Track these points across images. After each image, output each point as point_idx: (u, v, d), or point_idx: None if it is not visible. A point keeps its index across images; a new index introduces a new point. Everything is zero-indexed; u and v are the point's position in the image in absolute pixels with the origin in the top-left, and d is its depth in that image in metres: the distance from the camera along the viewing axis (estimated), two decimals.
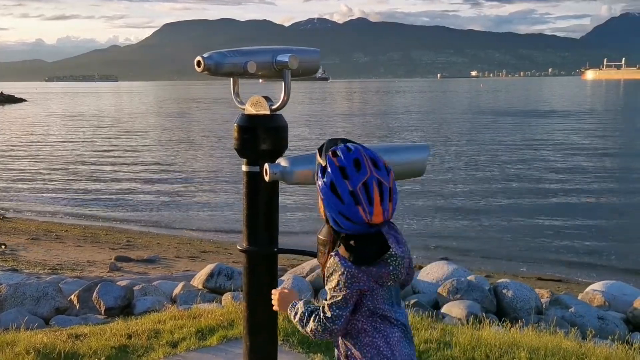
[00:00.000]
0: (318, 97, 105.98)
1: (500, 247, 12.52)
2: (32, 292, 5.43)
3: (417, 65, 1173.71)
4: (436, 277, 6.45)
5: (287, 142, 2.72)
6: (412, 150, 2.45)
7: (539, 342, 3.80)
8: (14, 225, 13.81)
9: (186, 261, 10.73)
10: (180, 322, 4.13)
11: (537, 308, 5.76)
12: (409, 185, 18.31)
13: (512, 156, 25.08)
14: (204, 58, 2.52)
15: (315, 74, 3.02)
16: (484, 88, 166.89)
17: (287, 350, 3.70)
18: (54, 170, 23.18)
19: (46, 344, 3.69)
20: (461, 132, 35.74)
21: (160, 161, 25.21)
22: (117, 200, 17.71)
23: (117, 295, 5.59)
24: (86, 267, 9.64)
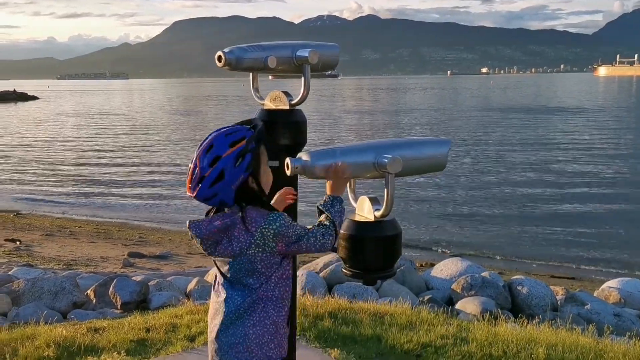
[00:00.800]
0: (328, 94, 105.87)
1: (512, 245, 12.47)
2: (50, 287, 5.49)
3: (427, 62, 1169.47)
4: (450, 273, 6.44)
5: (306, 136, 2.73)
6: (433, 144, 2.45)
7: (556, 339, 3.79)
8: (28, 221, 13.94)
9: (198, 257, 10.78)
10: (197, 316, 4.16)
11: (553, 305, 5.74)
12: (422, 182, 18.31)
13: (524, 153, 24.94)
14: (225, 53, 2.53)
15: (334, 69, 3.02)
16: (494, 85, 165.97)
17: (304, 344, 3.72)
18: (68, 166, 23.36)
19: (66, 337, 3.73)
20: (471, 130, 35.59)
21: (172, 158, 25.32)
22: (130, 196, 17.83)
23: (132, 290, 5.63)
24: (100, 263, 9.72)
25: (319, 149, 2.35)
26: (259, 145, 2.02)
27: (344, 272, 2.42)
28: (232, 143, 1.96)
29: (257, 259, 1.98)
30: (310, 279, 5.92)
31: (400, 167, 2.24)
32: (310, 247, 2.00)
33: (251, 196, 2.01)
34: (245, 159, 1.96)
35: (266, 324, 2.00)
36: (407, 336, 3.81)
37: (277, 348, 2.03)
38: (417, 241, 12.65)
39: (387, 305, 4.59)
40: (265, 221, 1.96)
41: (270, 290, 2.01)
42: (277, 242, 1.96)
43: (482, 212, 15.08)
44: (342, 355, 3.54)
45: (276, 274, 2.02)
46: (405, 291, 5.93)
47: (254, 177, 2.01)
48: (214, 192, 1.95)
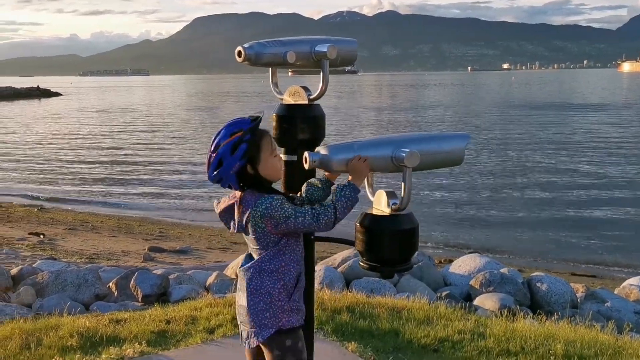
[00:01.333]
0: (347, 90, 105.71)
1: (533, 243, 12.39)
2: (73, 279, 5.59)
3: (447, 58, 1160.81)
4: (468, 269, 6.42)
5: (324, 131, 2.74)
6: (451, 139, 2.45)
7: (575, 335, 3.77)
8: (51, 215, 14.16)
9: (217, 252, 10.88)
10: (216, 309, 4.21)
11: (572, 302, 5.70)
12: (444, 179, 18.24)
13: (546, 152, 24.66)
14: (244, 48, 2.56)
15: (353, 64, 3.04)
16: (515, 81, 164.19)
17: (322, 338, 3.75)
18: (90, 162, 23.68)
19: (89, 328, 3.81)
20: (492, 126, 35.30)
21: (192, 154, 25.55)
22: (151, 191, 18.03)
23: (153, 283, 5.71)
24: (121, 257, 9.85)
25: (337, 143, 2.38)
26: (255, 136, 2.20)
27: (361, 265, 2.45)
28: (231, 133, 2.19)
29: (254, 236, 2.22)
30: (328, 273, 5.95)
31: (418, 161, 2.25)
32: (299, 226, 2.17)
33: (252, 181, 2.23)
34: (240, 148, 2.17)
35: (261, 293, 2.23)
36: (425, 331, 3.82)
37: (272, 318, 2.22)
38: (437, 238, 12.62)
39: (404, 300, 4.60)
40: (255, 203, 2.17)
41: (265, 263, 2.23)
42: (265, 222, 2.18)
43: (502, 210, 14.99)
44: (359, 348, 3.57)
45: (273, 249, 2.22)
46: (423, 287, 5.93)
47: (252, 165, 2.21)
48: (220, 177, 2.20)
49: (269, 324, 2.22)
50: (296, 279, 2.29)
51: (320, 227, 2.18)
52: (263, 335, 2.22)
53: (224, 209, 2.27)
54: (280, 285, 2.23)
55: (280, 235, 2.21)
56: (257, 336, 2.23)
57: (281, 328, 2.23)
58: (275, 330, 2.22)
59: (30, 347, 3.56)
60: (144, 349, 3.57)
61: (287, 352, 2.25)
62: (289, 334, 2.25)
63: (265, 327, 2.22)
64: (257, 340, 2.23)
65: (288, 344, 2.25)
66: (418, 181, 18.26)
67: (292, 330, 2.26)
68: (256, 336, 2.23)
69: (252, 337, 2.24)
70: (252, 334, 2.24)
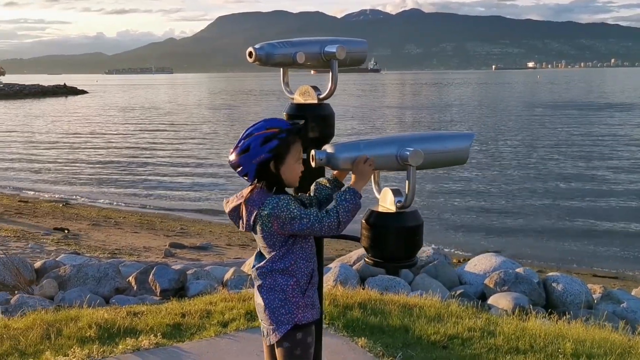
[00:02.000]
0: (369, 89, 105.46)
1: (554, 243, 12.29)
2: (94, 273, 5.74)
3: (471, 57, 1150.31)
4: (483, 268, 6.42)
5: (333, 130, 2.80)
6: (455, 138, 2.50)
7: (586, 335, 3.78)
8: (76, 211, 14.44)
9: (237, 249, 11.00)
10: (230, 304, 4.30)
11: (588, 302, 5.68)
12: (464, 179, 18.16)
13: (569, 151, 24.36)
14: (255, 49, 2.64)
15: (362, 64, 3.09)
16: (541, 80, 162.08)
17: (332, 333, 3.81)
18: (114, 159, 24.06)
19: (107, 320, 3.93)
20: (515, 126, 34.94)
21: (214, 152, 25.79)
22: (172, 189, 18.27)
23: (171, 278, 5.83)
24: (142, 253, 10.01)
25: (343, 142, 2.44)
26: (290, 137, 2.26)
27: (366, 261, 2.50)
28: (268, 127, 2.26)
29: (262, 236, 2.28)
30: (343, 271, 6.00)
31: (422, 160, 2.30)
32: (303, 228, 2.21)
33: (269, 179, 2.27)
34: (272, 143, 2.23)
35: (276, 291, 2.29)
36: (435, 328, 3.86)
37: (287, 314, 2.29)
38: (456, 237, 12.60)
39: (417, 298, 4.64)
40: (262, 204, 2.23)
41: (275, 263, 2.29)
42: (272, 222, 2.22)
43: (522, 210, 14.88)
44: (369, 344, 3.62)
45: (282, 249, 2.27)
46: (438, 285, 5.95)
47: (276, 163, 2.25)
48: (239, 162, 2.26)
49: (285, 320, 2.29)
50: (309, 275, 2.35)
51: (323, 231, 2.23)
52: (281, 331, 2.29)
53: (232, 208, 2.32)
54: (293, 282, 2.29)
55: (287, 235, 2.26)
56: (276, 332, 2.30)
57: (297, 323, 2.30)
58: (292, 326, 2.29)
59: (51, 337, 3.69)
60: (159, 341, 3.67)
61: (296, 346, 2.32)
62: (303, 329, 2.32)
63: (282, 324, 2.29)
64: (276, 337, 2.29)
65: (299, 337, 2.31)
66: (439, 185, 18.23)
67: (307, 325, 2.33)
68: (274, 332, 2.30)
69: (271, 334, 2.31)
70: (271, 331, 2.32)
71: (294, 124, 2.33)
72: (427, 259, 6.58)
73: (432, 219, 14.21)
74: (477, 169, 20.27)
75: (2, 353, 3.49)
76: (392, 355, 3.49)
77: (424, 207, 15.31)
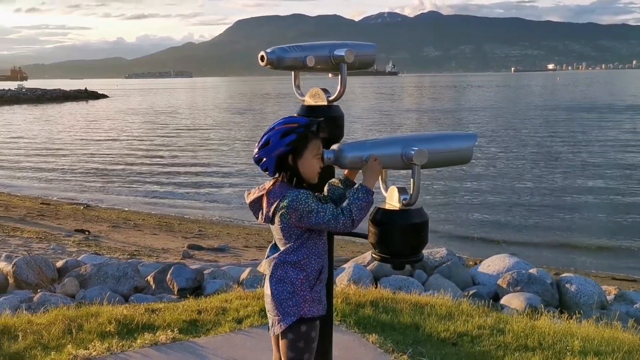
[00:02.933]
0: (387, 92, 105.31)
1: (573, 244, 12.24)
2: (114, 272, 5.89)
3: (489, 59, 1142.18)
4: (497, 269, 6.46)
5: (343, 131, 2.90)
6: (459, 138, 2.58)
7: (595, 333, 3.82)
8: (96, 213, 14.70)
9: (254, 251, 11.11)
10: (245, 301, 4.41)
11: (602, 303, 5.69)
12: (482, 181, 18.11)
13: (590, 153, 24.11)
14: (267, 53, 2.75)
15: (371, 67, 3.17)
16: (561, 81, 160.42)
17: (344, 330, 3.90)
18: (134, 161, 24.41)
19: (126, 316, 4.06)
20: (535, 128, 34.67)
21: (231, 154, 26.02)
22: (191, 191, 18.49)
23: (188, 277, 5.96)
24: (161, 254, 10.17)
25: (351, 141, 2.53)
26: (307, 132, 2.38)
27: (373, 256, 2.59)
28: (287, 122, 2.40)
29: (280, 227, 2.37)
30: (357, 271, 6.08)
31: (426, 159, 2.39)
32: (320, 221, 2.31)
33: (289, 173, 2.39)
34: (290, 136, 2.35)
35: (285, 283, 2.39)
36: (445, 325, 3.93)
37: (294, 307, 2.38)
38: (473, 238, 12.61)
39: (428, 297, 4.71)
40: (282, 196, 2.34)
41: (289, 255, 2.38)
42: (290, 214, 2.31)
43: (541, 212, 14.81)
44: (379, 340, 3.70)
45: (297, 242, 2.37)
46: (451, 286, 6.01)
47: (294, 157, 2.37)
48: (261, 156, 2.39)
49: (291, 312, 2.38)
50: (318, 271, 2.44)
51: (338, 227, 2.32)
52: (286, 322, 2.38)
53: (253, 199, 2.43)
54: (303, 276, 2.38)
55: (303, 228, 2.36)
56: (280, 323, 2.39)
57: (302, 317, 2.38)
58: (297, 318, 2.38)
59: (72, 331, 3.83)
60: (176, 336, 3.80)
61: (300, 338, 2.41)
62: (307, 322, 2.41)
63: (288, 315, 2.38)
64: (281, 327, 2.38)
65: (303, 330, 2.40)
66: (456, 185, 18.21)
67: (312, 319, 2.42)
68: (279, 323, 2.39)
69: (276, 325, 2.40)
70: (276, 322, 2.41)
71: (313, 120, 2.43)
72: (440, 259, 6.63)
73: (450, 219, 14.24)
74: (498, 173, 20.21)
75: (26, 347, 3.64)
76: (402, 351, 3.57)
77: (441, 207, 15.34)
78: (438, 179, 18.88)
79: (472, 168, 20.73)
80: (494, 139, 29.47)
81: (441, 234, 12.88)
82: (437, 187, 18.02)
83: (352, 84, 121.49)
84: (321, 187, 2.60)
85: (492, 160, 22.88)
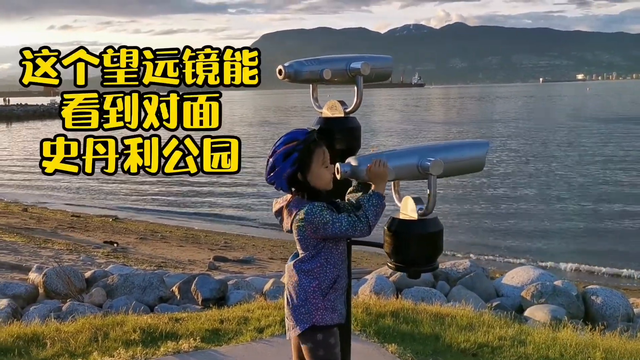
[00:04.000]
0: (413, 103, 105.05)
1: (601, 258, 12.03)
2: (140, 282, 6.01)
3: (517, 70, 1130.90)
4: (521, 281, 6.40)
5: (360, 142, 2.95)
6: (472, 147, 2.61)
7: (618, 345, 3.77)
8: (125, 226, 14.96)
9: (279, 262, 11.16)
10: (267, 311, 4.47)
11: (628, 316, 5.59)
12: (509, 192, 17.93)
13: (621, 167, 23.60)
14: (284, 67, 2.83)
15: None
16: (591, 92, 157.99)
17: (364, 340, 3.92)
18: (160, 175, 24.73)
19: (150, 325, 4.15)
20: (564, 141, 34.14)
21: (256, 167, 26.22)
22: (217, 203, 18.70)
23: (212, 287, 6.05)
24: (187, 265, 10.30)
25: (366, 154, 2.57)
26: (308, 147, 2.42)
27: (389, 265, 2.63)
28: (287, 142, 2.44)
29: (298, 238, 2.46)
30: (379, 282, 6.10)
31: (442, 169, 2.42)
32: (336, 232, 2.36)
33: (302, 188, 2.44)
34: (292, 156, 2.40)
35: (298, 291, 2.45)
36: (465, 336, 3.92)
37: (306, 314, 2.44)
38: (499, 250, 12.50)
39: (450, 308, 4.70)
40: (298, 210, 2.40)
41: (304, 263, 2.45)
42: (305, 227, 2.38)
43: (569, 225, 14.61)
44: (399, 350, 3.71)
45: (312, 251, 2.43)
46: (474, 297, 5.97)
47: (302, 173, 2.42)
48: (272, 180, 2.46)
49: (303, 319, 2.44)
50: (332, 280, 2.47)
51: (356, 234, 2.38)
52: (300, 328, 2.44)
53: (277, 209, 2.52)
54: (315, 285, 2.43)
55: (319, 239, 2.41)
56: (294, 329, 2.46)
57: (315, 324, 2.43)
58: (309, 326, 2.43)
59: (98, 339, 3.94)
60: (198, 344, 3.87)
61: (318, 347, 2.44)
62: (322, 330, 2.44)
63: (300, 322, 2.44)
64: (295, 332, 2.45)
65: (319, 338, 2.43)
66: (482, 194, 18.06)
67: (325, 327, 2.45)
68: (293, 329, 2.46)
69: (291, 330, 2.48)
70: (291, 327, 2.48)
71: (310, 132, 2.47)
72: (464, 271, 6.60)
73: (474, 231, 14.14)
74: (528, 184, 19.98)
75: (53, 354, 3.75)
76: None
77: (464, 218, 15.24)
78: (463, 189, 18.78)
79: (503, 179, 20.61)
80: (525, 151, 29.19)
81: (466, 244, 12.82)
82: (463, 197, 17.92)
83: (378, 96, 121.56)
84: (339, 191, 2.62)
85: (522, 173, 22.66)
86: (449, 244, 12.41)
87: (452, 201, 17.28)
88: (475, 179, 20.55)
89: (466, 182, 20.09)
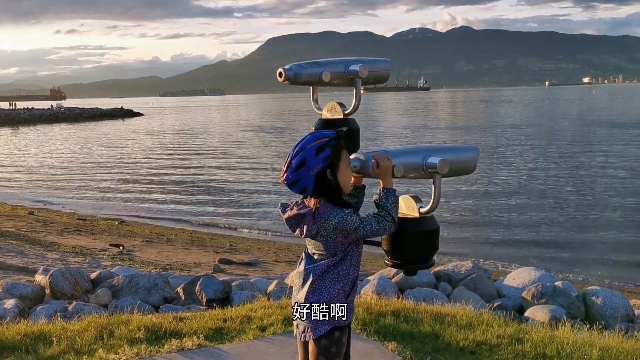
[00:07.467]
0: (420, 107, 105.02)
1: (606, 260, 12.03)
2: (145, 283, 6.10)
3: (523, 73, 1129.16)
4: (522, 282, 6.45)
5: (359, 143, 3.02)
6: (466, 150, 2.70)
7: (615, 344, 3.82)
8: (130, 229, 15.04)
9: (284, 265, 11.22)
10: (269, 310, 4.54)
11: (628, 316, 5.63)
12: (512, 198, 17.92)
13: (628, 170, 23.54)
14: (285, 69, 2.90)
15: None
16: (597, 95, 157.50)
17: (365, 338, 3.99)
18: (167, 179, 24.90)
19: (155, 323, 4.23)
20: (570, 145, 34.00)
21: (261, 171, 26.33)
22: (222, 206, 18.77)
23: (216, 288, 6.12)
24: (192, 268, 10.36)
25: (375, 150, 2.62)
26: (339, 143, 2.43)
27: (386, 263, 2.70)
28: (317, 138, 2.40)
29: (324, 245, 2.42)
30: (381, 282, 6.15)
31: (448, 169, 2.49)
32: (367, 233, 2.40)
33: (329, 188, 2.39)
34: (325, 152, 2.37)
35: (321, 292, 2.43)
36: (464, 334, 3.98)
37: None
38: (503, 253, 12.52)
39: (450, 308, 4.76)
40: (327, 217, 2.38)
41: (330, 267, 2.43)
42: (336, 234, 2.39)
43: (573, 230, 14.60)
44: (398, 348, 3.78)
45: (340, 255, 2.43)
46: (475, 298, 6.02)
47: (332, 170, 2.38)
48: (298, 177, 2.37)
49: (326, 321, 2.42)
50: (353, 281, 2.51)
51: (385, 231, 2.43)
52: (319, 330, 2.42)
53: (292, 215, 2.43)
54: (340, 287, 2.44)
55: (348, 243, 2.43)
56: (314, 331, 2.43)
57: (336, 325, 2.44)
58: (331, 327, 2.43)
59: (103, 337, 4.02)
60: (202, 342, 3.95)
61: (333, 344, 2.46)
62: (341, 329, 2.47)
63: (322, 324, 2.42)
64: (314, 335, 2.43)
65: (336, 336, 2.46)
66: (487, 197, 18.08)
67: (344, 327, 2.49)
68: (313, 331, 2.43)
69: (309, 332, 2.44)
70: (309, 329, 2.45)
71: (339, 131, 2.49)
72: (466, 272, 6.65)
73: (477, 232, 14.15)
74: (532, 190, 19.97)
75: (60, 351, 3.83)
76: (420, 359, 3.64)
77: (468, 221, 15.26)
78: (468, 191, 18.80)
79: (508, 182, 20.60)
80: (533, 154, 29.15)
81: (469, 246, 12.84)
82: (467, 199, 17.94)
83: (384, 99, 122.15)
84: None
85: (526, 174, 22.66)
86: (451, 246, 12.47)
87: (455, 202, 17.33)
88: (485, 182, 20.62)
89: (469, 182, 20.15)
